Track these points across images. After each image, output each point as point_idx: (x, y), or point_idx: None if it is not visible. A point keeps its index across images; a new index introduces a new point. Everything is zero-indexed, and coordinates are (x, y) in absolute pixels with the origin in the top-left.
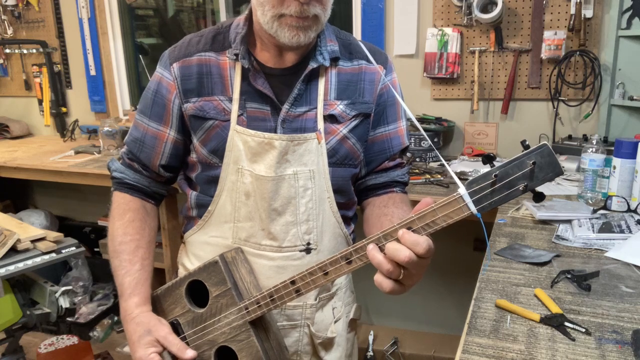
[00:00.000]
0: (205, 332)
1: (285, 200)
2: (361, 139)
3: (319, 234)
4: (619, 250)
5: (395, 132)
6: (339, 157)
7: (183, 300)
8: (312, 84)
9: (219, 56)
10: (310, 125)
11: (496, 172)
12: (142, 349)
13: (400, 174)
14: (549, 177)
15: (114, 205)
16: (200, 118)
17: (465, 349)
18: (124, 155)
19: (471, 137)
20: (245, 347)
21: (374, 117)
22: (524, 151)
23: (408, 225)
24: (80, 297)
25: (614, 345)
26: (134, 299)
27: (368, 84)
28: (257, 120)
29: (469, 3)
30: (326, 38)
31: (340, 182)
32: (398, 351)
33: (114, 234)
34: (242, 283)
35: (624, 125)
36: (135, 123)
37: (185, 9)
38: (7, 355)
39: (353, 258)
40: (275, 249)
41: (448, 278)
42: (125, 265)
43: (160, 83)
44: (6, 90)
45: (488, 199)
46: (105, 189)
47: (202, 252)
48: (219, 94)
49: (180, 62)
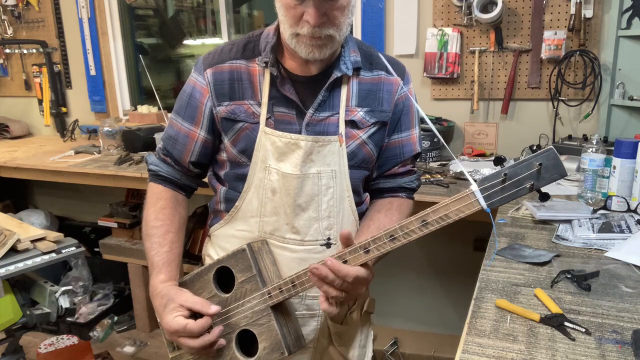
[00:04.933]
0: (229, 316)
1: (309, 197)
2: (377, 145)
3: (339, 229)
4: (619, 250)
5: (408, 139)
6: (357, 160)
7: (210, 286)
8: (335, 91)
9: (249, 63)
10: (333, 129)
11: (506, 172)
12: (167, 316)
13: (408, 180)
14: (554, 178)
15: (149, 194)
16: (232, 120)
17: (465, 349)
18: (159, 151)
19: (471, 137)
20: (266, 330)
21: (390, 124)
22: (531, 153)
23: (423, 219)
24: (80, 297)
25: (614, 345)
26: (160, 276)
27: (386, 93)
28: (283, 123)
29: (469, 3)
30: (349, 49)
31: (356, 183)
32: (398, 351)
33: (147, 219)
34: (266, 271)
35: (624, 125)
36: (170, 122)
37: (185, 9)
38: (7, 355)
39: (371, 248)
40: (298, 242)
41: (448, 278)
42: (156, 247)
43: (194, 87)
44: (6, 90)
45: (498, 196)
46: (106, 189)
47: (229, 244)
48: (249, 98)
49: (213, 69)
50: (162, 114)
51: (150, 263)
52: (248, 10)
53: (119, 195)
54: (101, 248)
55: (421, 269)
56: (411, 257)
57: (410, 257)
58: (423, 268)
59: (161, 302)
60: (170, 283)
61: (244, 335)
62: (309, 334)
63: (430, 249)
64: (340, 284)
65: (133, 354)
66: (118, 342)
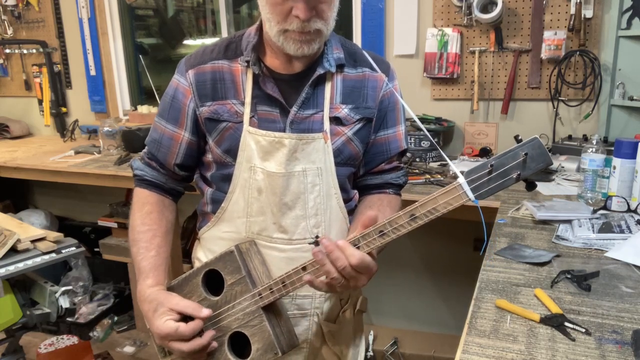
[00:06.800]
0: (220, 319)
1: (295, 195)
2: (363, 142)
3: (327, 227)
4: (619, 250)
5: (394, 135)
6: (343, 157)
7: (199, 289)
8: (319, 89)
9: (232, 63)
10: (317, 126)
11: (492, 162)
12: (157, 320)
13: (394, 176)
14: (540, 167)
15: (134, 199)
16: (215, 120)
17: (465, 349)
18: (144, 155)
19: (471, 137)
20: (258, 332)
21: (375, 121)
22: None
23: (411, 214)
24: (80, 297)
25: (614, 345)
26: (148, 281)
27: (371, 90)
28: (267, 122)
29: (469, 3)
30: (332, 46)
31: (343, 180)
32: (398, 351)
33: (134, 224)
34: (256, 272)
35: (624, 125)
36: (154, 125)
37: (185, 9)
38: (7, 355)
39: (360, 244)
40: (285, 241)
41: (448, 278)
42: (142, 251)
43: (177, 89)
44: (6, 90)
45: (485, 187)
46: (105, 189)
47: (216, 247)
48: (231, 98)
49: (195, 69)
50: None
51: (138, 268)
52: (248, 10)
53: (119, 195)
54: (101, 248)
55: (421, 269)
56: (411, 257)
57: (410, 257)
58: (423, 268)
59: (150, 307)
60: (158, 287)
61: (237, 337)
62: (301, 333)
63: (431, 249)
64: (343, 266)
65: (133, 354)
66: (118, 342)
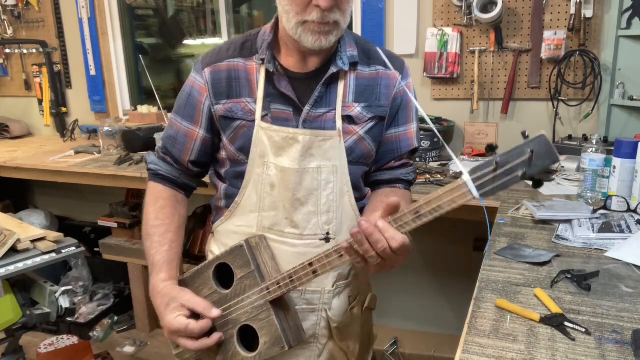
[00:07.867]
0: (229, 312)
1: (308, 191)
2: (375, 140)
3: (338, 224)
4: (619, 250)
5: (405, 134)
6: (355, 156)
7: (210, 282)
8: (332, 87)
9: (247, 61)
10: (330, 125)
11: (497, 160)
12: (169, 315)
13: (404, 172)
14: (547, 165)
15: (148, 193)
16: (229, 118)
17: (465, 349)
18: (158, 150)
19: (471, 137)
20: (266, 325)
21: (387, 119)
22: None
23: (416, 211)
24: (80, 297)
25: (614, 345)
26: (161, 275)
27: (384, 88)
28: (280, 120)
29: (469, 3)
30: (346, 44)
31: (356, 179)
32: (398, 351)
33: (147, 218)
34: (265, 266)
35: (624, 125)
36: (170, 122)
37: (185, 9)
38: (7, 355)
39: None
40: (297, 236)
41: (448, 278)
42: (156, 246)
43: (192, 87)
44: (6, 90)
45: (490, 185)
46: (106, 189)
47: (229, 240)
48: (246, 96)
49: (211, 68)
50: (162, 114)
51: (151, 262)
52: (248, 10)
53: (119, 195)
54: (101, 248)
55: (421, 269)
56: (411, 257)
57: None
58: (423, 268)
59: (163, 301)
60: (171, 282)
61: (246, 330)
62: (308, 328)
63: (430, 249)
64: (383, 248)
65: (133, 354)
66: (118, 342)
